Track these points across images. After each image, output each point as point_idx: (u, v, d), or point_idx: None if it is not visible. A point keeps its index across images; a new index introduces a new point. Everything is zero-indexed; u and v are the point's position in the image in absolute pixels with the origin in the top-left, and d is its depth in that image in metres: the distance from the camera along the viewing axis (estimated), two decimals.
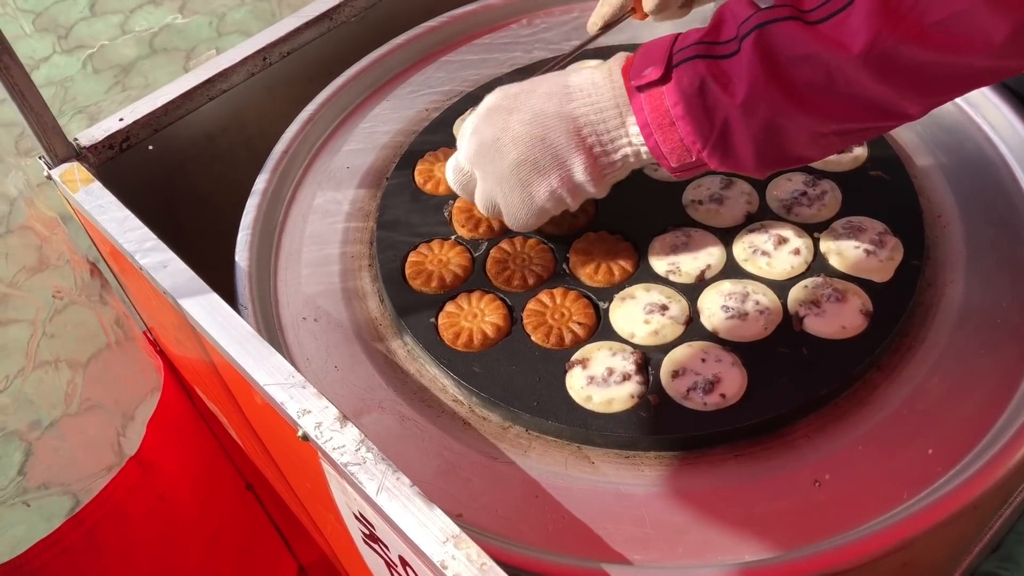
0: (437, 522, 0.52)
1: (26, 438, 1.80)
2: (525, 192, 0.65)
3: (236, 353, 0.63)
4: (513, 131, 0.63)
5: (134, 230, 0.72)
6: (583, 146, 0.62)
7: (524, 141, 0.63)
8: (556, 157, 0.63)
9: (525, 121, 0.63)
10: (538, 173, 0.64)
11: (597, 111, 0.61)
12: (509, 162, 0.64)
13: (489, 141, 0.64)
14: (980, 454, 0.61)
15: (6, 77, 0.72)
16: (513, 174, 0.64)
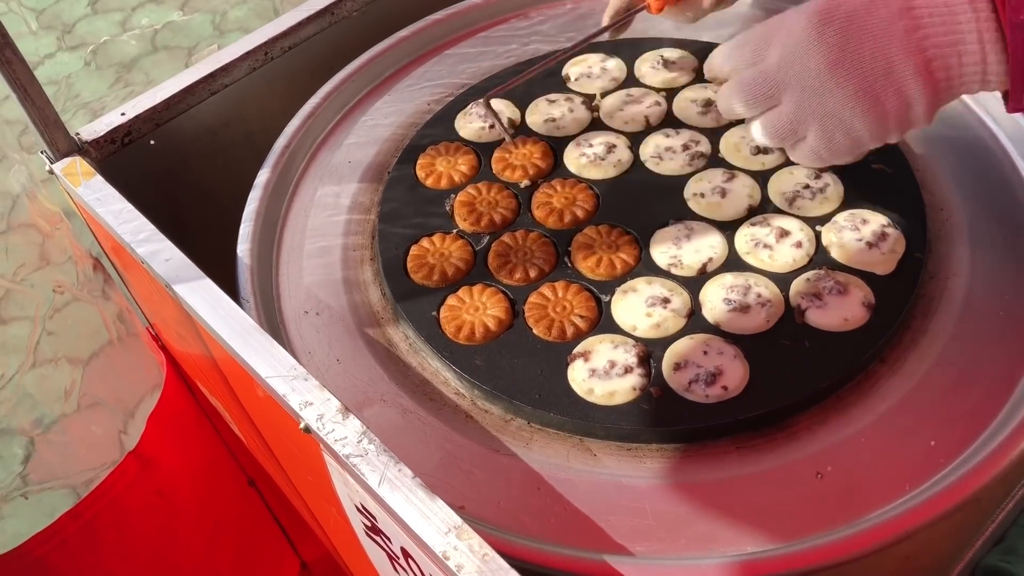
0: (439, 513, 0.52)
1: (28, 434, 1.80)
2: (851, 126, 0.58)
3: (238, 346, 0.63)
4: (851, 61, 0.56)
5: (134, 222, 0.72)
6: (930, 80, 0.55)
7: (864, 74, 0.56)
8: (897, 93, 0.56)
9: (864, 52, 0.56)
10: (873, 109, 0.57)
11: (953, 43, 0.54)
12: (841, 96, 0.57)
13: (818, 69, 0.57)
14: (982, 446, 0.61)
15: (8, 71, 0.72)
16: (844, 109, 0.57)
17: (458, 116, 0.86)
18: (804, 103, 0.59)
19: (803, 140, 0.61)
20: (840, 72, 0.57)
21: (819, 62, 0.57)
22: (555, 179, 0.79)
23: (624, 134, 0.82)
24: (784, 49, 0.59)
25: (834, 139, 0.59)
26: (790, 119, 0.60)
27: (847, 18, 0.57)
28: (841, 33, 0.57)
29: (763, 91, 0.60)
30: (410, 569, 0.60)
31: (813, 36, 0.57)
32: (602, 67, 0.89)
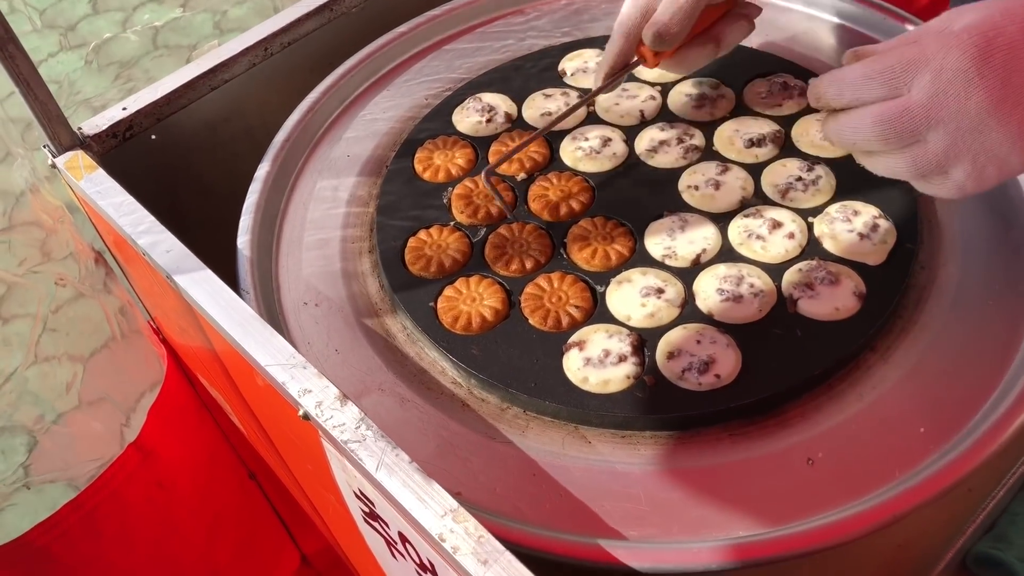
0: (436, 497, 0.53)
1: (31, 429, 1.81)
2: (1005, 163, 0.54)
3: (238, 335, 0.64)
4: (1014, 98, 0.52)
5: (135, 214, 0.73)
6: None
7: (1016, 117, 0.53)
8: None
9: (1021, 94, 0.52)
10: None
11: None
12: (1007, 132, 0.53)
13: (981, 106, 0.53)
14: (971, 432, 0.62)
15: (11, 66, 0.73)
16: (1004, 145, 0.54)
17: (455, 111, 0.87)
18: (958, 141, 0.54)
19: (947, 176, 0.56)
20: (1004, 109, 0.53)
21: (980, 100, 0.53)
22: (551, 172, 0.80)
23: (619, 128, 0.83)
24: (936, 84, 0.53)
25: (985, 174, 0.55)
26: (939, 158, 0.55)
27: (1009, 49, 0.52)
28: (1005, 67, 0.52)
29: (909, 128, 0.55)
30: (408, 554, 0.61)
31: (972, 71, 0.53)
32: (598, 62, 0.90)
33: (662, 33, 0.70)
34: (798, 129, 0.80)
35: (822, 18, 0.93)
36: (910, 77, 0.55)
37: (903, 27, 0.87)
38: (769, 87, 0.84)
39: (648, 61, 0.73)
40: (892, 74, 0.55)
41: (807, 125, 0.80)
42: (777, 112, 0.82)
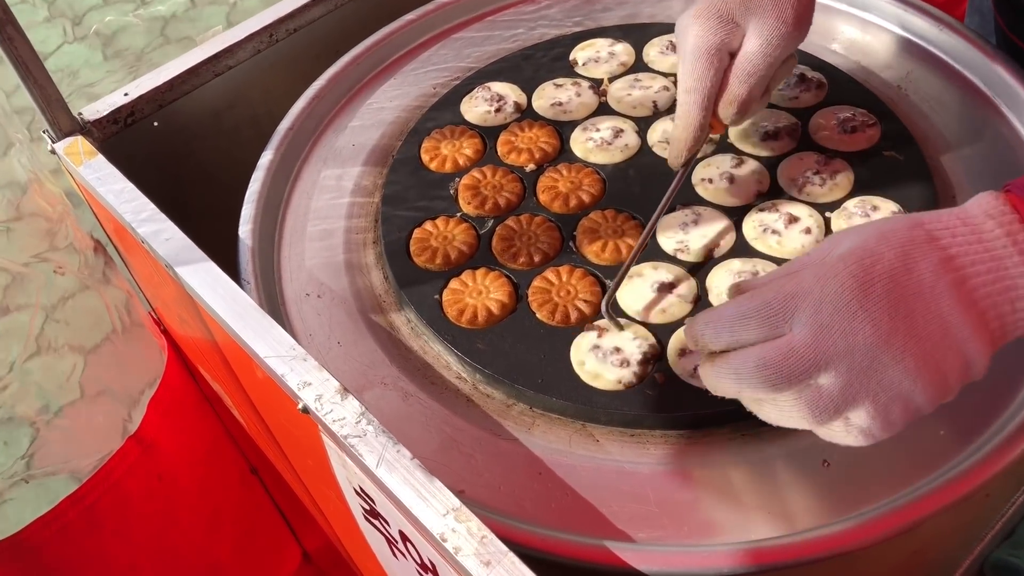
0: (438, 495, 0.51)
1: (33, 422, 1.80)
2: (912, 400, 0.50)
3: (237, 326, 0.62)
4: (905, 329, 0.48)
5: (135, 201, 0.72)
6: (986, 334, 0.49)
7: (920, 342, 0.48)
8: (958, 354, 0.49)
9: (916, 317, 0.48)
10: (938, 377, 0.49)
11: (1004, 290, 0.48)
12: (901, 370, 0.49)
13: (869, 342, 0.48)
14: (991, 437, 0.60)
15: (10, 49, 0.71)
16: (907, 382, 0.49)
17: (463, 100, 0.85)
18: (853, 382, 0.49)
19: (849, 421, 0.50)
20: (896, 343, 0.48)
21: (868, 335, 0.48)
22: (561, 163, 0.78)
23: (631, 119, 0.81)
24: (818, 319, 0.49)
25: (890, 415, 0.50)
26: (835, 401, 0.49)
27: (890, 278, 0.49)
28: (888, 297, 0.49)
29: (797, 371, 0.49)
30: (408, 553, 0.60)
31: (855, 304, 0.49)
32: (610, 51, 0.88)
33: (743, 109, 0.67)
34: (816, 122, 0.78)
35: (836, 8, 0.91)
36: (789, 314, 0.49)
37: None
38: (786, 79, 0.82)
39: (716, 128, 0.70)
40: (770, 311, 0.50)
41: (825, 118, 0.78)
42: (794, 105, 0.80)
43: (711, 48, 0.65)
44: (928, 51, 0.86)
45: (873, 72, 0.85)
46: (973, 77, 0.82)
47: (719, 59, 0.66)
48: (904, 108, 0.81)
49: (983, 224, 0.49)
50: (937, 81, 0.83)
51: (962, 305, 0.48)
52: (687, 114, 0.67)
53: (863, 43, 0.88)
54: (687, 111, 0.67)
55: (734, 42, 0.66)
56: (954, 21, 0.85)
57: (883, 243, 0.50)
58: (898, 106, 0.81)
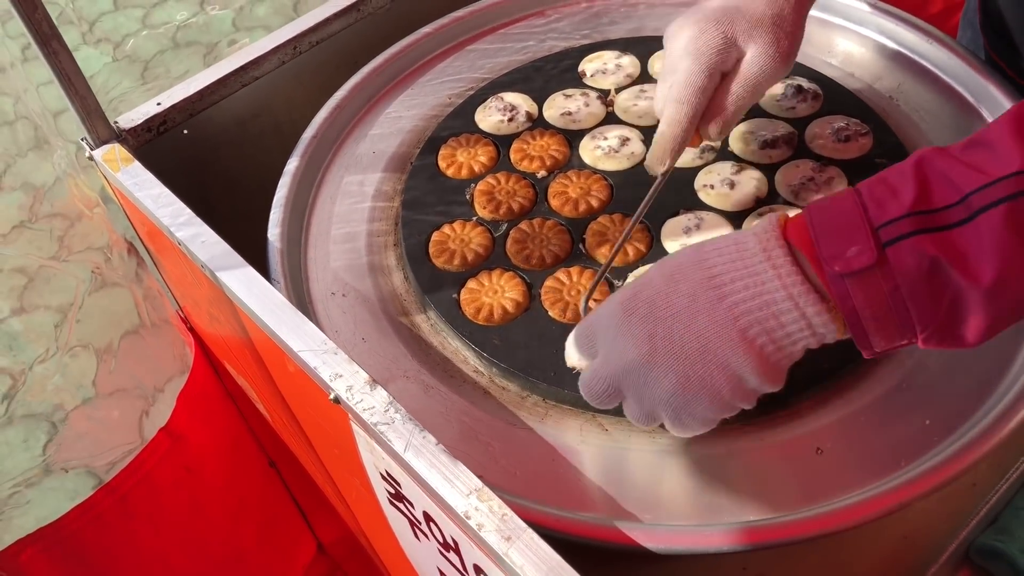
0: (461, 476, 0.56)
1: (52, 419, 1.85)
2: (692, 410, 0.55)
3: (272, 323, 0.66)
4: (663, 349, 0.53)
5: (172, 206, 0.76)
6: (752, 350, 0.52)
7: (679, 360, 0.53)
8: (722, 369, 0.53)
9: (674, 334, 0.53)
10: (704, 392, 0.54)
11: (763, 306, 0.51)
12: (667, 387, 0.54)
13: (636, 363, 0.54)
14: (974, 426, 0.64)
15: (55, 62, 0.76)
16: (675, 398, 0.54)
17: (478, 109, 0.90)
18: (643, 397, 0.56)
19: (662, 423, 0.58)
20: (658, 363, 0.54)
21: (635, 357, 0.54)
22: (571, 170, 0.83)
23: (638, 128, 0.86)
24: (603, 347, 0.57)
25: (683, 422, 0.56)
26: (639, 412, 0.57)
27: (648, 304, 0.54)
28: (645, 322, 0.54)
29: (603, 390, 0.57)
30: (431, 533, 0.64)
31: (622, 331, 0.55)
32: (617, 63, 0.92)
33: (727, 131, 0.70)
34: (812, 131, 0.83)
35: (833, 22, 0.95)
36: (593, 341, 0.58)
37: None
38: (783, 90, 0.86)
39: (694, 141, 0.72)
40: (584, 338, 0.59)
41: (821, 127, 0.83)
42: (791, 115, 0.85)
43: (712, 66, 0.68)
44: (919, 64, 0.90)
45: (867, 83, 0.90)
46: (961, 89, 0.87)
47: (716, 78, 0.68)
48: (896, 118, 0.86)
49: (747, 243, 0.52)
50: (927, 93, 0.88)
51: (720, 322, 0.52)
52: (678, 123, 0.68)
53: (857, 56, 0.93)
54: (678, 121, 0.68)
55: (729, 63, 0.68)
56: (944, 36, 0.90)
57: (657, 269, 0.55)
58: (890, 116, 0.85)
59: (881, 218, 0.49)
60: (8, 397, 1.86)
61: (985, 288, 0.47)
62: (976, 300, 0.48)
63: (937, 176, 0.49)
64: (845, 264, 0.49)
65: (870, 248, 0.48)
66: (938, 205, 0.48)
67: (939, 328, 0.49)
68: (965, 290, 0.47)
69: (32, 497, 1.71)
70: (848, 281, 0.49)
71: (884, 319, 0.50)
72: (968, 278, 0.47)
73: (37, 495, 1.71)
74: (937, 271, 0.47)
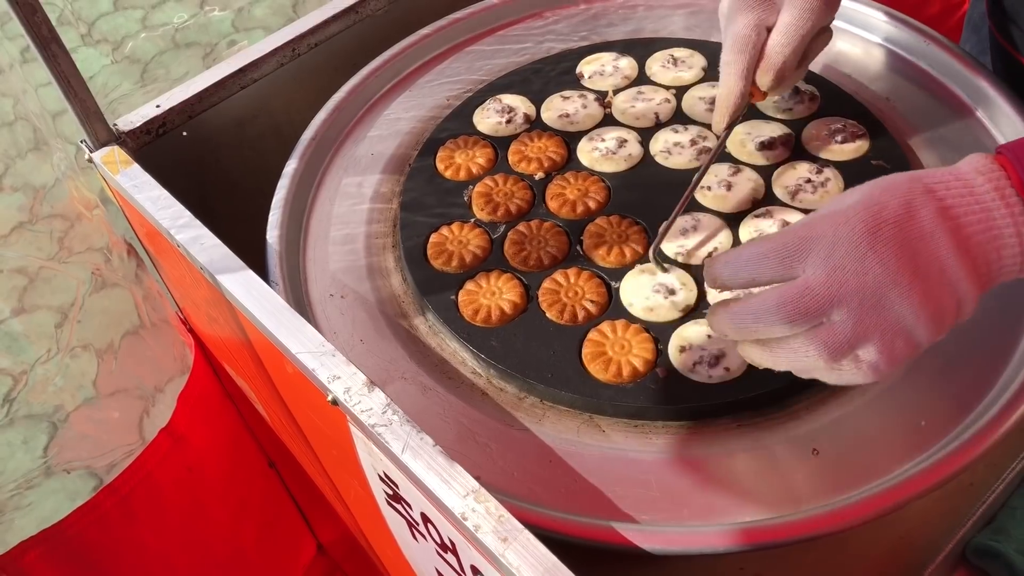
0: (458, 478, 0.56)
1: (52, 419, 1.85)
2: (918, 333, 0.54)
3: (270, 324, 0.67)
4: (910, 270, 0.53)
5: (172, 208, 0.77)
6: (976, 276, 0.54)
7: (923, 281, 0.53)
8: (954, 295, 0.54)
9: (921, 256, 0.53)
10: (937, 313, 0.54)
11: (992, 239, 0.54)
12: (906, 306, 0.53)
13: (878, 281, 0.53)
14: (968, 427, 0.64)
15: (54, 65, 0.76)
16: (910, 317, 0.54)
17: (476, 111, 0.90)
18: (864, 318, 0.53)
19: (859, 359, 0.55)
20: (902, 283, 0.53)
21: (878, 274, 0.53)
22: (568, 172, 0.83)
23: (635, 129, 0.86)
24: (831, 261, 0.53)
25: (895, 349, 0.54)
26: (848, 337, 0.54)
27: (896, 223, 0.54)
28: (895, 240, 0.54)
29: (814, 308, 0.53)
30: (429, 534, 0.64)
31: (865, 246, 0.53)
32: (615, 65, 0.93)
33: (780, 77, 0.74)
34: (808, 132, 0.83)
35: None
36: (804, 256, 0.54)
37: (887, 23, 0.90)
38: (782, 94, 0.86)
39: (756, 96, 0.76)
40: (786, 252, 0.55)
41: (818, 128, 0.83)
42: (789, 116, 0.85)
43: (749, 24, 0.73)
44: (915, 65, 0.90)
45: (863, 85, 0.90)
46: (957, 89, 0.87)
47: (757, 33, 0.73)
48: (892, 119, 0.86)
49: (974, 180, 0.55)
50: (923, 94, 0.88)
51: (958, 249, 0.54)
52: (728, 83, 0.74)
53: (854, 57, 0.93)
54: (728, 80, 0.74)
55: (771, 18, 0.73)
56: (941, 37, 0.90)
57: (887, 194, 0.55)
58: (886, 117, 0.86)
59: None
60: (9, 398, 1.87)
61: None
62: None
63: None
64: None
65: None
66: None
67: None
68: None
69: (33, 498, 1.71)
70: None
71: None
72: None
73: (38, 496, 1.72)
74: None
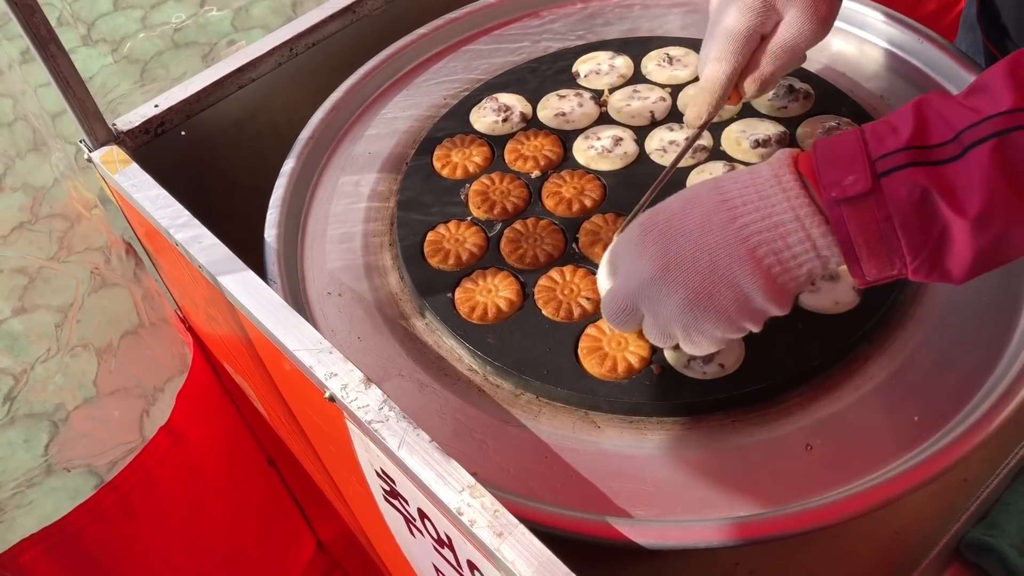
0: (454, 473, 0.57)
1: (53, 418, 1.86)
2: (702, 326, 0.58)
3: (268, 322, 0.67)
4: (675, 265, 0.57)
5: (171, 208, 0.77)
6: (759, 268, 0.55)
7: (690, 274, 0.56)
8: (730, 286, 0.56)
9: (686, 251, 0.56)
10: (713, 306, 0.57)
11: (771, 227, 0.54)
12: (678, 301, 0.57)
13: (650, 278, 0.58)
14: (960, 422, 0.65)
15: (52, 65, 0.77)
16: (685, 312, 0.58)
17: (472, 110, 0.91)
18: (657, 313, 0.59)
19: (685, 343, 0.61)
20: (670, 278, 0.57)
21: (649, 273, 0.58)
22: (565, 170, 0.84)
23: (630, 128, 0.87)
24: (623, 265, 0.61)
25: (694, 338, 0.59)
26: (655, 329, 0.61)
27: (665, 223, 0.58)
28: (660, 239, 0.57)
29: (623, 308, 0.61)
30: (426, 530, 0.65)
31: (638, 248, 0.59)
32: (610, 64, 0.93)
33: (764, 87, 0.74)
34: (803, 131, 0.84)
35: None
36: (616, 264, 0.63)
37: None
38: (775, 89, 0.87)
39: (732, 99, 0.75)
40: (609, 262, 0.64)
41: (812, 127, 0.84)
42: (783, 114, 0.85)
43: (750, 28, 0.72)
44: (910, 64, 0.91)
45: (858, 83, 0.90)
46: (952, 88, 0.87)
47: (753, 39, 0.73)
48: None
49: (760, 171, 0.56)
50: (918, 92, 0.88)
51: (730, 241, 0.55)
52: (714, 81, 0.73)
53: (849, 55, 0.93)
54: (714, 78, 0.73)
55: (768, 26, 0.73)
56: (936, 36, 0.90)
57: (677, 196, 0.59)
58: (880, 115, 0.86)
59: (879, 151, 0.51)
60: (10, 397, 1.87)
61: (971, 220, 0.49)
62: (963, 232, 0.50)
63: (934, 115, 0.51)
64: (841, 191, 0.52)
65: (865, 177, 0.51)
66: (933, 142, 0.51)
67: (928, 258, 0.52)
68: (952, 222, 0.50)
69: (34, 497, 1.72)
70: (844, 207, 0.52)
71: (875, 245, 0.52)
72: (956, 210, 0.50)
73: (39, 495, 1.72)
74: (927, 202, 0.50)
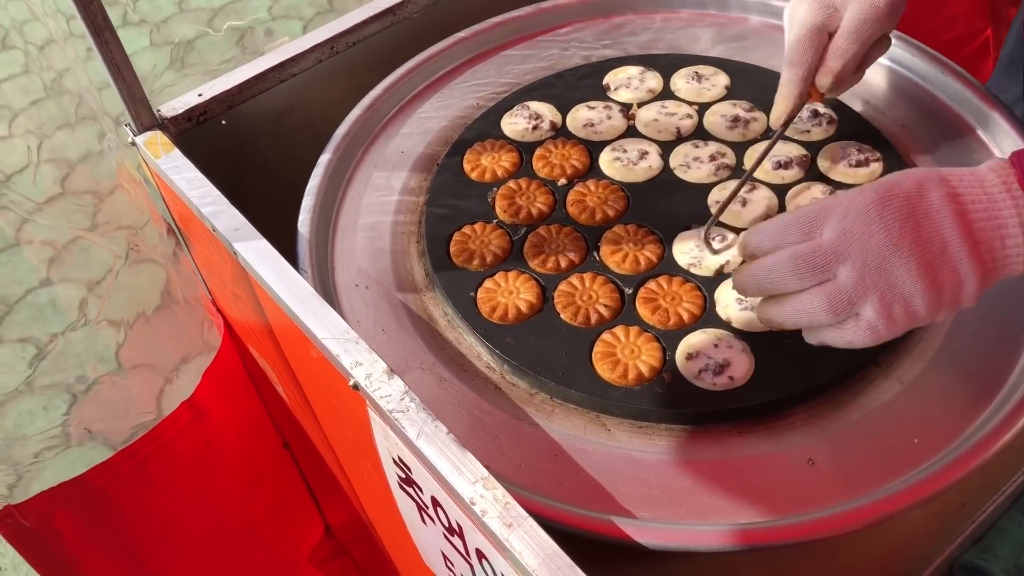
0: (469, 465, 0.59)
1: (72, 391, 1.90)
2: (913, 300, 0.60)
3: (299, 310, 0.70)
4: (910, 240, 0.59)
5: (211, 195, 0.80)
6: (980, 263, 0.59)
7: (924, 251, 0.59)
8: (954, 272, 0.59)
9: (923, 231, 0.59)
10: (933, 285, 0.59)
11: (995, 228, 0.59)
12: (904, 272, 0.59)
13: (881, 244, 0.59)
14: (958, 447, 0.67)
15: (106, 52, 0.80)
16: (906, 283, 0.59)
17: (504, 116, 0.93)
18: (865, 277, 0.59)
19: (858, 316, 0.61)
20: (903, 248, 0.59)
21: (881, 239, 0.59)
22: (590, 179, 0.86)
23: (656, 142, 0.89)
24: (841, 225, 0.60)
25: (893, 312, 0.60)
26: (849, 292, 0.60)
27: (905, 198, 0.60)
28: (902, 212, 0.60)
29: (820, 263, 0.60)
30: (437, 518, 0.68)
31: (873, 214, 0.60)
32: (640, 79, 0.96)
33: (839, 81, 0.78)
34: (824, 155, 0.86)
35: None
36: (821, 223, 0.61)
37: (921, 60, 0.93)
38: (799, 114, 0.89)
39: (814, 97, 0.81)
40: (807, 219, 0.62)
41: (833, 152, 0.86)
42: (806, 138, 0.88)
43: (813, 28, 0.77)
44: (933, 95, 0.93)
45: (881, 111, 0.93)
46: (970, 119, 0.89)
47: (819, 38, 0.77)
48: (906, 146, 0.88)
49: (985, 175, 0.60)
50: (938, 122, 0.91)
51: (961, 231, 0.59)
52: (788, 83, 0.80)
53: (873, 84, 0.95)
54: (788, 80, 0.80)
55: (833, 23, 0.77)
56: (959, 69, 0.92)
57: (903, 176, 0.62)
58: (901, 144, 0.88)
59: None
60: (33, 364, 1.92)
61: None
62: None
63: None
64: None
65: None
66: None
67: None
68: None
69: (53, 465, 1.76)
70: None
71: None
72: None
73: (58, 462, 1.76)
74: None
